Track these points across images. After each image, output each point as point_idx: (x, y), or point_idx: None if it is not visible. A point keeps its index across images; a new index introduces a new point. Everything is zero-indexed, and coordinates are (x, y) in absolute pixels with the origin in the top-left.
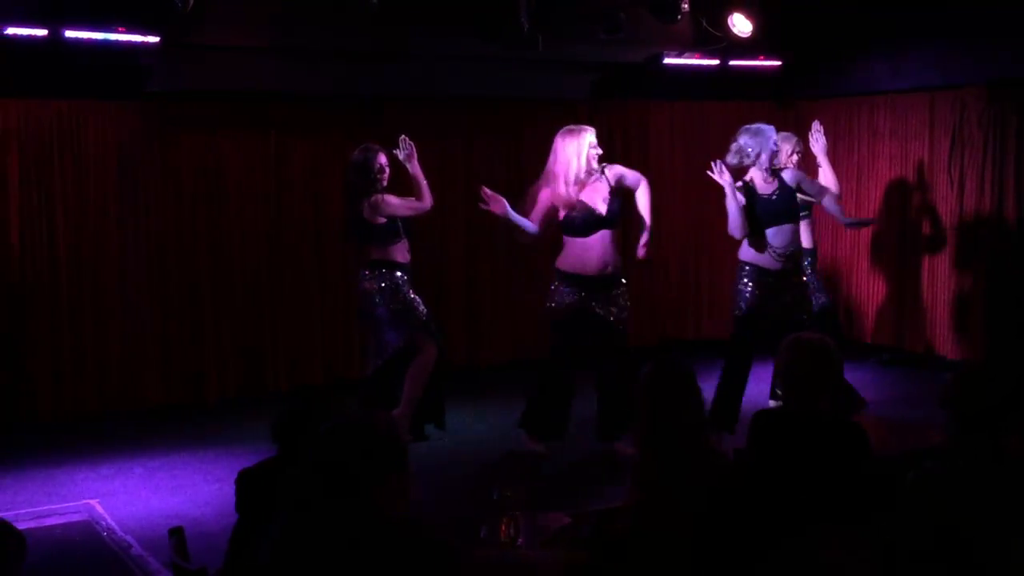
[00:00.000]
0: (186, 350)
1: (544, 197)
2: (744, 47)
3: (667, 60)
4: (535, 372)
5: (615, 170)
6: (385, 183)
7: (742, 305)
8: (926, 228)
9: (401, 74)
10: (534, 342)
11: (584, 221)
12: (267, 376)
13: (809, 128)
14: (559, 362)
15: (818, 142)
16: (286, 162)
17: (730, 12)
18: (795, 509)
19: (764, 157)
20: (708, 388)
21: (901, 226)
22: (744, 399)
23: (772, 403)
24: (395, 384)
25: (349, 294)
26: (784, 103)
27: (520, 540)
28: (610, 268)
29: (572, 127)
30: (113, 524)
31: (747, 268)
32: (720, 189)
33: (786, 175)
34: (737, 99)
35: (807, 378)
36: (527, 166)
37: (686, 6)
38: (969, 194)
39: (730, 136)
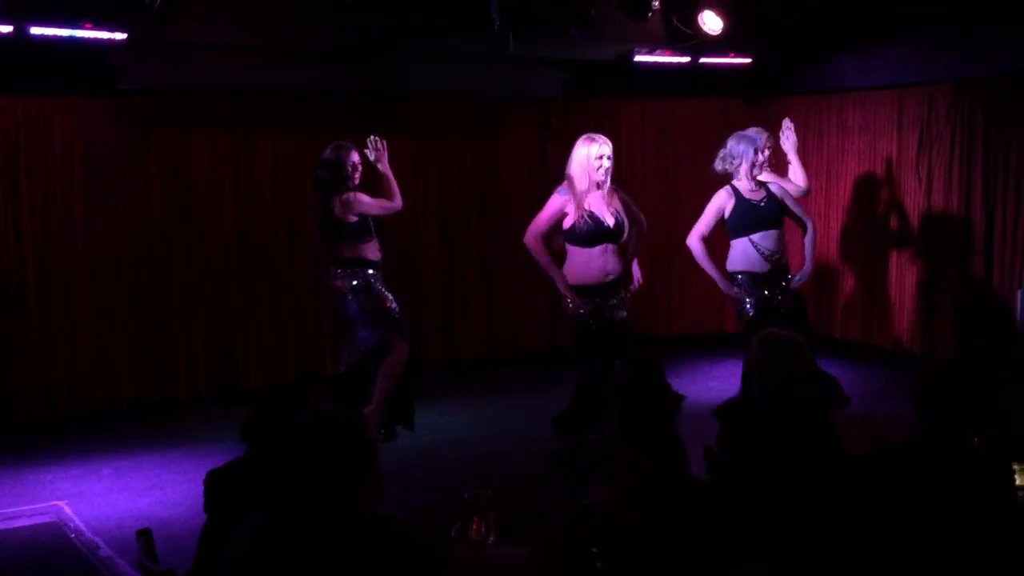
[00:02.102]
0: (156, 348)
1: (556, 202)
2: (715, 45)
3: (638, 58)
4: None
5: (624, 196)
6: (358, 181)
7: (748, 310)
8: (894, 224)
9: (373, 72)
10: (509, 339)
11: (589, 231)
12: (239, 375)
13: (779, 125)
14: (588, 366)
15: (788, 139)
16: (257, 160)
17: (700, 10)
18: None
19: (744, 167)
20: (683, 385)
21: (869, 222)
22: (715, 396)
23: None
24: (367, 382)
25: (320, 292)
26: (755, 100)
27: (491, 538)
28: (611, 276)
29: (590, 135)
30: (81, 525)
31: (739, 277)
32: (690, 186)
33: (773, 187)
34: (708, 96)
35: (777, 375)
36: (500, 163)
37: (657, 4)
38: (937, 190)
39: (701, 132)
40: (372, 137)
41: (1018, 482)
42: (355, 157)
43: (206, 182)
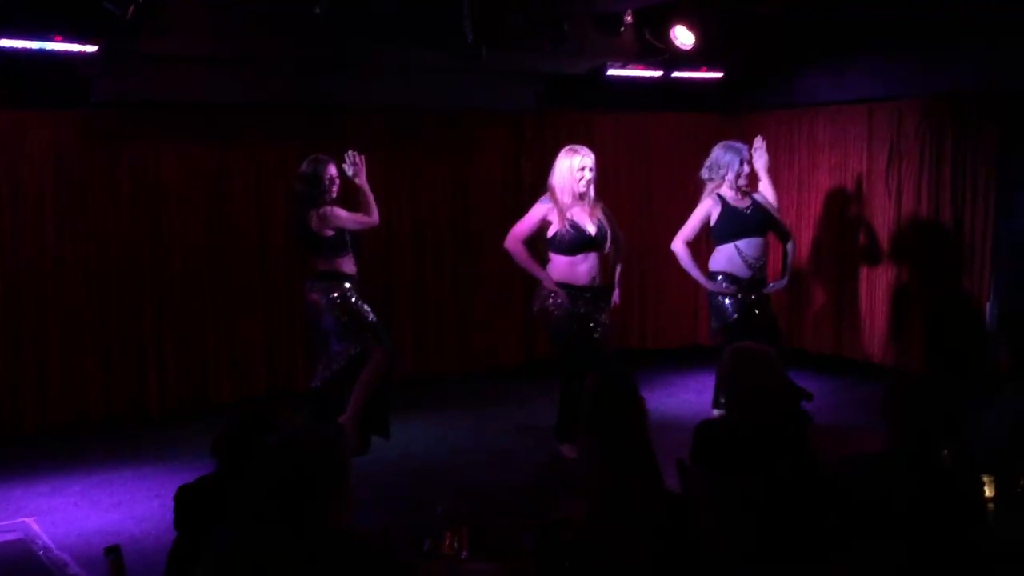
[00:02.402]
0: (127, 364)
1: (539, 210)
2: (687, 59)
3: (611, 71)
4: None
5: (606, 209)
6: (335, 194)
7: (731, 312)
8: (864, 237)
9: (346, 84)
10: (482, 352)
11: (572, 240)
12: (210, 389)
13: (751, 140)
14: (576, 365)
15: (760, 158)
16: (229, 173)
17: (673, 24)
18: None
19: (729, 176)
20: (656, 397)
21: (840, 235)
22: (687, 408)
23: (716, 412)
24: (343, 394)
25: (292, 306)
26: (727, 114)
27: (463, 553)
28: (598, 280)
29: (572, 147)
30: (50, 542)
31: (719, 277)
32: (663, 200)
33: (757, 197)
34: (681, 110)
35: (749, 387)
36: (472, 176)
37: (629, 18)
38: (906, 204)
39: (674, 146)
40: (350, 152)
41: (987, 494)
42: (332, 170)
43: (177, 196)
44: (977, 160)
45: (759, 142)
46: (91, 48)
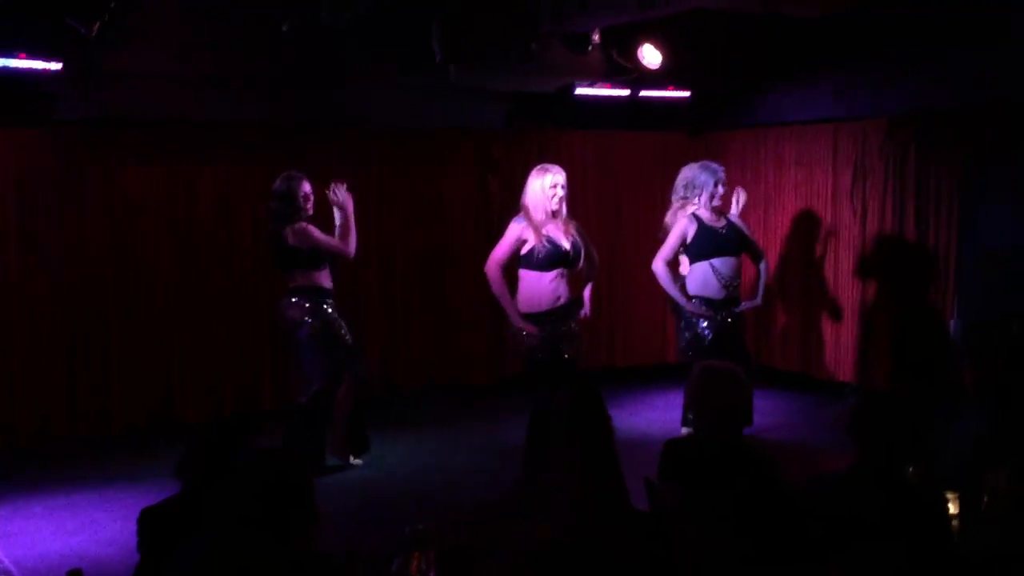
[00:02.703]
0: (91, 383)
1: (514, 230)
2: (654, 78)
3: (579, 90)
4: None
5: (580, 227)
6: (311, 211)
7: (706, 333)
8: (830, 255)
9: (315, 103)
10: (450, 371)
11: (547, 255)
12: (176, 407)
13: (719, 157)
14: (543, 393)
15: (738, 204)
16: (197, 191)
17: (640, 44)
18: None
19: (704, 197)
20: (624, 415)
21: (806, 253)
22: (655, 426)
23: (684, 430)
24: (330, 409)
25: (260, 324)
26: (694, 133)
27: (431, 574)
28: (561, 301)
29: (544, 166)
30: (11, 566)
31: (694, 301)
32: (631, 218)
33: (732, 218)
34: (648, 129)
35: (717, 406)
36: (441, 194)
37: (597, 38)
38: (871, 222)
39: (641, 164)
40: (338, 184)
41: (952, 511)
42: (307, 187)
43: (144, 213)
44: (940, 177)
45: (740, 190)
46: (55, 65)
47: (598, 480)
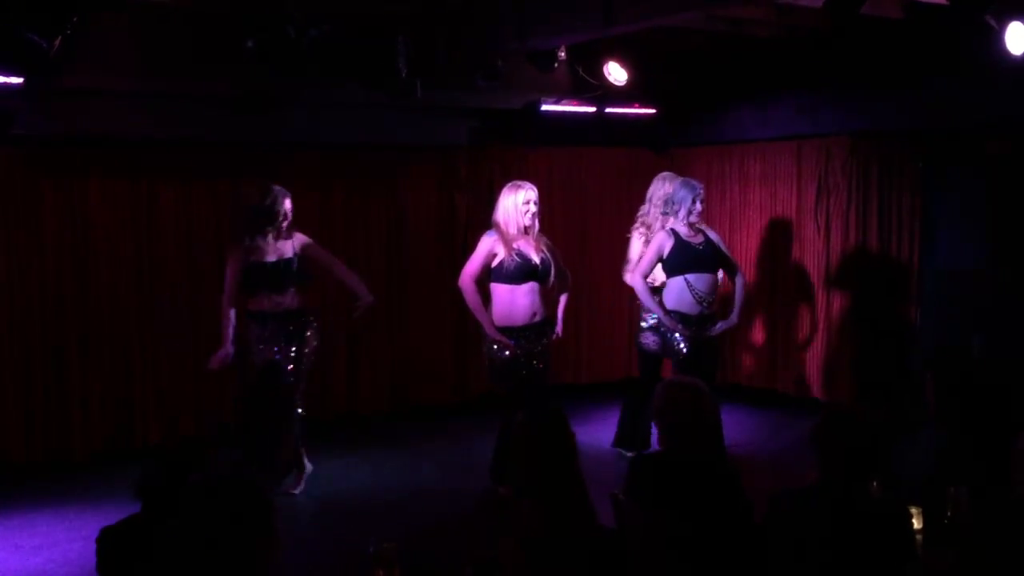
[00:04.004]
0: (50, 405)
1: (485, 244)
2: (620, 95)
3: (545, 107)
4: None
5: (551, 245)
6: (285, 228)
7: (682, 347)
8: (795, 271)
9: (278, 121)
10: (413, 390)
11: (517, 268)
12: (137, 429)
13: (686, 173)
14: (514, 409)
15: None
16: (157, 210)
17: (606, 61)
18: (675, 553)
19: (682, 212)
20: (590, 431)
21: (771, 269)
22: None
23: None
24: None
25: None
26: (659, 150)
27: None
28: (538, 317)
29: (516, 182)
30: None
31: (671, 316)
32: (597, 234)
33: (711, 234)
34: (614, 145)
35: (682, 422)
36: (406, 211)
37: (563, 55)
38: (835, 238)
39: (607, 180)
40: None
41: (916, 526)
42: (288, 204)
43: (103, 232)
44: (903, 195)
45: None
46: (15, 80)
47: (560, 498)
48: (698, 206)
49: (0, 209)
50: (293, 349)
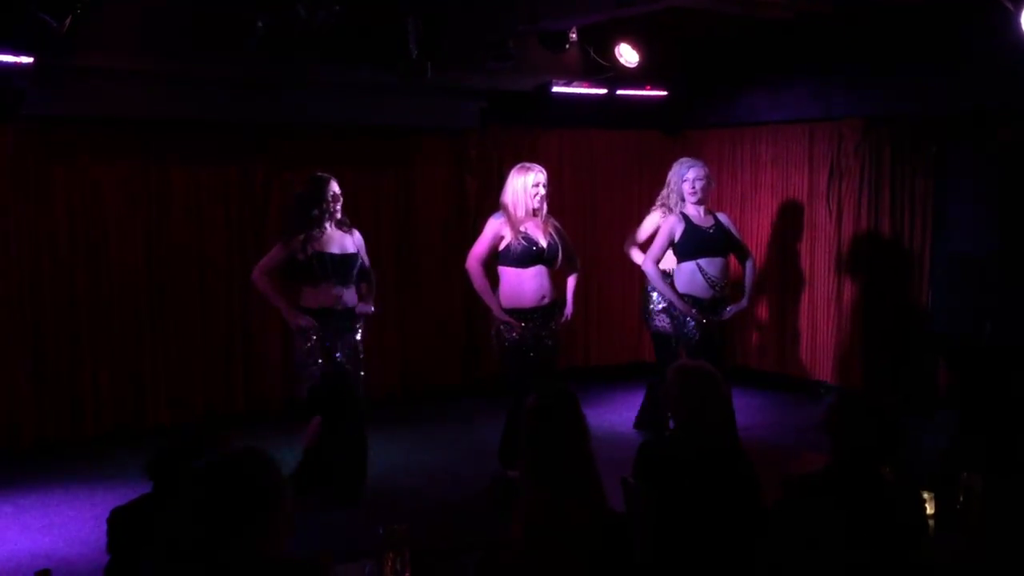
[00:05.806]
0: (62, 385)
1: (492, 226)
2: (631, 77)
3: (556, 88)
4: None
5: (560, 228)
6: (339, 214)
7: (693, 333)
8: (806, 255)
9: (288, 102)
10: (424, 372)
11: (524, 251)
12: (147, 410)
13: (697, 155)
14: (523, 391)
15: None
16: (167, 191)
17: (617, 42)
18: (684, 538)
19: (686, 190)
20: (600, 414)
21: (782, 253)
22: (631, 426)
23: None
24: None
25: (231, 327)
26: (671, 132)
27: (406, 575)
28: (547, 299)
29: (525, 164)
30: None
31: (684, 299)
32: (607, 216)
33: (722, 217)
34: (625, 128)
35: (693, 407)
36: (416, 194)
37: (574, 36)
38: (847, 222)
39: (617, 163)
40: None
41: (928, 511)
42: (335, 187)
43: (114, 213)
44: (916, 179)
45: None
46: (26, 60)
47: (569, 481)
48: (694, 184)
49: (11, 188)
50: (349, 349)
